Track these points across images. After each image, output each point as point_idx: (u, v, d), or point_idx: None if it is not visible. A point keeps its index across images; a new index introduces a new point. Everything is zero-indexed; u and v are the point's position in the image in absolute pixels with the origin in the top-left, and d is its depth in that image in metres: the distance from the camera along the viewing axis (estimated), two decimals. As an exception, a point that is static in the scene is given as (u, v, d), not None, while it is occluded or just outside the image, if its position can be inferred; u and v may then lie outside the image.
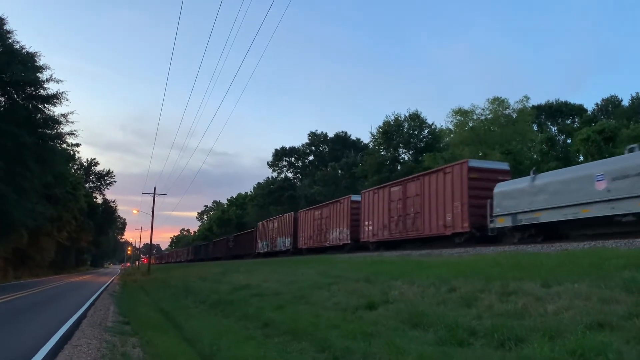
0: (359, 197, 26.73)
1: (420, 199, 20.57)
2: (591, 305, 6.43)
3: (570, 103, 55.66)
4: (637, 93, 53.42)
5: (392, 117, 48.67)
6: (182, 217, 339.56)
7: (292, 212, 36.72)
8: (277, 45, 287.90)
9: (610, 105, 55.46)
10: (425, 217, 20.15)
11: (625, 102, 54.73)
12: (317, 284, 13.35)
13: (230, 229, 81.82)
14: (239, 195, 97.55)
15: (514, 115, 39.74)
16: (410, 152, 48.53)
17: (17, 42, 32.19)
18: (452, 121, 42.24)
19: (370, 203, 24.73)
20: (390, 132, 47.95)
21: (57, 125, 35.51)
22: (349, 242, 26.58)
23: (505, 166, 19.64)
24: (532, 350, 5.36)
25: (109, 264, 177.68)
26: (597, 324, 5.77)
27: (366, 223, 24.85)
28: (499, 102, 39.85)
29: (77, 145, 47.24)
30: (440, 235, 19.43)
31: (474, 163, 19.10)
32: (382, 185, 25.61)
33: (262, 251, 42.32)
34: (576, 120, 53.77)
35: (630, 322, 5.63)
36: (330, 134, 71.79)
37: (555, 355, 5.12)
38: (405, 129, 48.07)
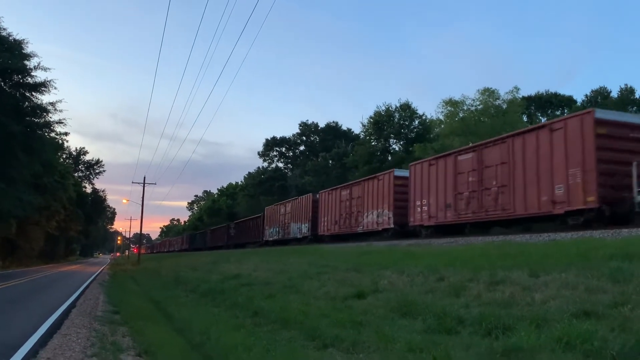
0: (404, 171, 22.72)
1: (509, 167, 15.94)
2: (578, 295, 6.52)
3: (560, 94, 55.98)
4: (626, 84, 53.85)
5: (383, 108, 48.73)
6: (173, 206, 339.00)
7: (310, 194, 32.16)
8: (268, 34, 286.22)
9: (600, 96, 55.83)
10: (516, 192, 15.52)
11: (614, 94, 55.13)
12: (307, 273, 13.40)
13: (220, 219, 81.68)
14: (230, 185, 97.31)
15: (504, 106, 39.82)
16: (401, 143, 48.61)
17: (4, 29, 31.84)
18: (442, 112, 42.28)
19: (424, 177, 20.11)
20: (381, 122, 47.98)
21: (45, 114, 35.25)
22: (392, 226, 21.99)
23: None
24: (519, 338, 5.43)
25: (99, 254, 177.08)
26: (584, 313, 5.84)
27: (418, 203, 20.31)
28: (489, 93, 39.90)
29: (66, 134, 46.87)
30: (542, 215, 15.01)
31: (602, 114, 14.04)
32: (442, 154, 20.52)
33: (271, 239, 38.17)
34: (566, 111, 54.08)
35: (616, 311, 5.72)
36: (321, 124, 71.88)
37: (542, 343, 5.19)
38: (396, 120, 48.12)
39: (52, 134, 38.82)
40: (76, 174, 73.92)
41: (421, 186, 20.28)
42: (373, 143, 49.30)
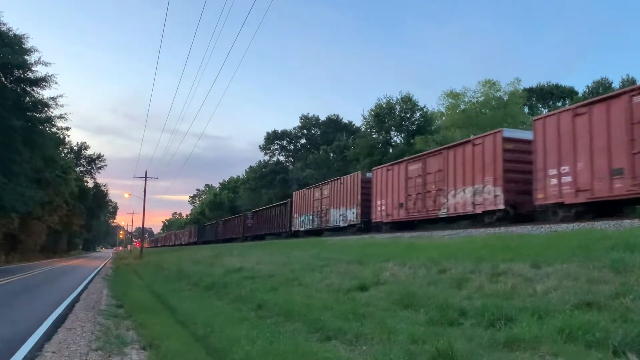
0: (518, 131, 18.16)
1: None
2: (579, 286, 6.54)
3: (561, 85, 55.78)
4: (628, 75, 53.65)
5: (384, 100, 48.60)
6: (174, 200, 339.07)
7: (359, 173, 26.44)
8: (269, 27, 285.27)
9: (601, 87, 55.60)
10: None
11: (616, 84, 54.95)
12: (310, 266, 13.45)
13: (222, 213, 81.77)
14: (231, 178, 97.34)
15: (506, 98, 39.75)
16: (402, 135, 48.54)
17: (4, 24, 31.77)
18: (443, 104, 42.23)
19: (566, 134, 13.75)
20: (382, 115, 47.87)
21: (46, 109, 35.28)
22: (501, 207, 15.89)
23: None
24: (521, 329, 5.46)
25: (101, 248, 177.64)
26: (585, 304, 5.87)
27: (553, 172, 14.07)
28: (490, 85, 39.82)
29: (67, 128, 46.77)
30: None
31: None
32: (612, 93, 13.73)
33: (301, 229, 32.16)
34: (567, 102, 53.96)
35: (617, 302, 5.75)
36: (322, 117, 71.57)
37: (544, 334, 5.22)
38: (397, 112, 48.00)
39: (54, 129, 38.80)
40: (78, 169, 74.05)
41: (559, 148, 14.00)
42: (374, 136, 49.23)
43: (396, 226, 22.00)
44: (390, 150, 46.91)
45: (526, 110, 48.28)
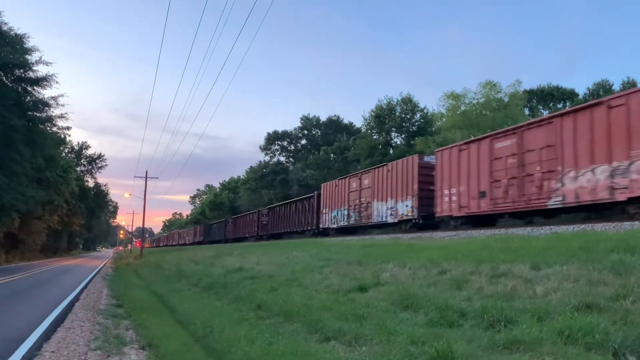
0: None
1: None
2: (579, 287, 6.53)
3: (561, 87, 55.72)
4: (628, 77, 53.58)
5: (385, 101, 48.62)
6: (175, 200, 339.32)
7: (416, 156, 21.54)
8: (270, 28, 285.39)
9: (602, 89, 55.54)
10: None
11: (617, 87, 54.89)
12: (310, 266, 13.43)
13: (222, 213, 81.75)
14: (232, 179, 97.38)
15: (506, 100, 39.76)
16: (403, 136, 48.55)
17: (5, 23, 31.83)
18: (444, 105, 42.26)
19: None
20: (383, 116, 47.89)
21: (47, 108, 35.32)
22: None
23: None
24: (521, 331, 5.45)
25: (101, 248, 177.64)
26: (585, 305, 5.85)
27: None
28: (491, 86, 39.84)
29: (68, 128, 46.72)
30: None
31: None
32: None
33: (334, 225, 27.34)
34: (567, 104, 53.92)
35: (618, 304, 5.73)
36: (323, 118, 71.53)
37: (544, 336, 5.21)
38: (397, 113, 48.02)
39: (54, 129, 38.84)
40: (78, 169, 74.08)
41: None
42: (375, 137, 49.23)
43: (473, 221, 17.66)
44: (391, 151, 46.90)
45: (527, 112, 48.27)
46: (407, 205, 20.81)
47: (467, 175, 17.62)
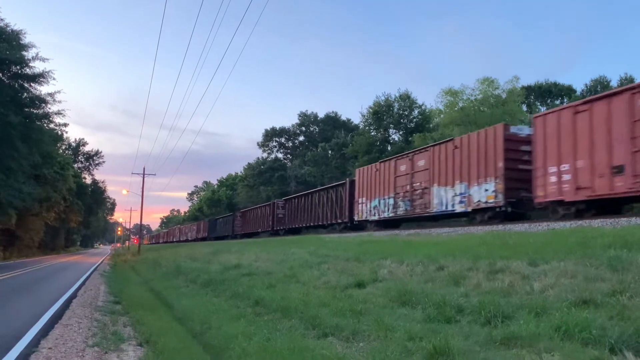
0: None
1: None
2: (576, 283, 6.54)
3: (559, 83, 55.80)
4: (626, 73, 53.63)
5: (383, 98, 48.59)
6: (172, 197, 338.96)
7: (500, 125, 16.86)
8: (267, 24, 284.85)
9: (599, 85, 55.61)
10: None
11: (614, 83, 54.97)
12: (308, 263, 13.44)
13: (220, 210, 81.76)
14: (229, 175, 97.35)
15: (504, 96, 39.77)
16: (401, 133, 48.53)
17: (1, 19, 31.74)
18: (442, 101, 42.24)
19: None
20: (381, 112, 47.86)
21: (44, 105, 35.21)
22: None
23: None
24: (518, 326, 5.46)
25: (99, 245, 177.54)
26: (582, 301, 5.87)
27: None
28: (488, 83, 39.83)
29: (65, 125, 46.61)
30: None
31: None
32: None
33: (374, 217, 23.13)
34: (565, 100, 53.97)
35: (614, 299, 5.75)
36: (321, 114, 71.60)
37: (541, 332, 5.22)
38: (395, 110, 47.99)
39: (51, 125, 38.76)
40: (76, 165, 73.89)
41: None
42: (372, 133, 49.20)
43: (596, 206, 13.66)
44: (389, 148, 46.90)
45: (524, 108, 48.33)
46: (486, 190, 16.54)
47: (589, 144, 13.31)
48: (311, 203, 31.64)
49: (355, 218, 24.96)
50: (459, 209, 17.83)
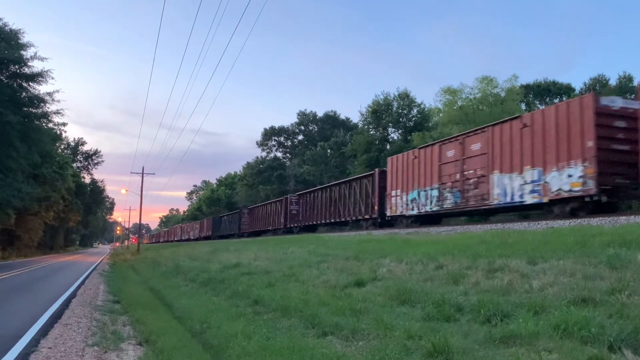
0: None
1: None
2: (575, 282, 6.55)
3: (558, 82, 55.83)
4: (625, 72, 53.71)
5: (382, 97, 48.63)
6: (172, 196, 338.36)
7: (589, 95, 14.08)
8: (266, 23, 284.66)
9: (598, 84, 55.69)
10: None
11: (613, 82, 55.01)
12: (307, 262, 13.44)
13: (219, 209, 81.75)
14: (228, 175, 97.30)
15: (503, 94, 39.82)
16: (400, 132, 48.56)
17: (0, 19, 31.63)
18: (441, 100, 42.30)
19: None
20: (380, 111, 47.88)
21: (42, 104, 35.15)
22: None
23: None
24: (517, 325, 5.47)
25: (98, 244, 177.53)
26: (581, 300, 5.88)
27: None
28: (487, 81, 39.88)
29: (64, 124, 46.53)
30: None
31: None
32: None
33: (412, 212, 20.24)
34: (564, 98, 53.99)
35: (613, 298, 5.75)
36: (320, 114, 71.64)
37: (540, 330, 5.23)
38: (394, 108, 48.01)
39: (50, 125, 38.72)
40: (75, 165, 73.82)
41: None
42: (371, 132, 49.22)
43: None
44: (388, 147, 46.91)
45: (523, 106, 48.36)
46: (569, 176, 13.72)
47: None
48: (330, 198, 28.87)
49: (388, 213, 21.93)
50: (529, 200, 14.80)
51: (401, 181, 21.12)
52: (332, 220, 28.38)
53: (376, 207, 22.99)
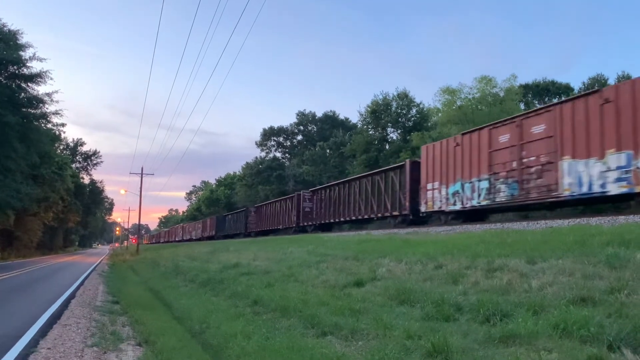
0: None
1: None
2: (574, 281, 6.55)
3: (557, 82, 55.84)
4: (623, 71, 53.70)
5: (381, 97, 48.65)
6: (171, 197, 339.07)
7: None
8: (265, 22, 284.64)
9: (597, 84, 55.68)
10: None
11: (612, 81, 55.03)
12: (306, 262, 13.44)
13: (218, 209, 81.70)
14: (228, 175, 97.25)
15: (502, 94, 39.84)
16: (399, 132, 48.57)
17: (-1, 19, 31.61)
18: (440, 100, 42.33)
19: None
20: (379, 111, 47.89)
21: (41, 105, 35.19)
22: None
23: None
24: (517, 324, 5.47)
25: (98, 245, 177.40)
26: (580, 299, 5.88)
27: None
28: (486, 81, 39.90)
29: (63, 125, 46.47)
30: None
31: None
32: None
33: (453, 207, 17.91)
34: (562, 98, 53.98)
35: (612, 297, 5.75)
36: (319, 114, 71.62)
37: (539, 330, 5.23)
38: (393, 108, 48.02)
39: (49, 125, 38.72)
40: (74, 165, 73.78)
41: None
42: (370, 132, 49.24)
43: None
44: (387, 147, 46.93)
45: (522, 106, 48.42)
46: None
47: None
48: (349, 194, 26.56)
49: (422, 209, 19.59)
50: (615, 190, 12.35)
51: (439, 172, 18.73)
52: (353, 218, 26.10)
53: (407, 203, 20.61)
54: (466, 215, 18.03)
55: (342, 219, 27.21)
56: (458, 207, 17.68)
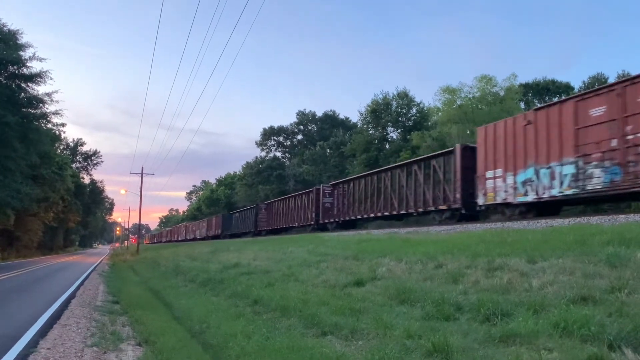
0: None
1: None
2: (575, 280, 6.55)
3: (557, 81, 55.83)
4: (623, 70, 53.66)
5: (381, 96, 48.67)
6: (171, 197, 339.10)
7: None
8: (265, 22, 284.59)
9: (597, 83, 55.66)
10: None
11: (612, 80, 55.01)
12: (306, 261, 13.44)
13: (219, 209, 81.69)
14: (228, 175, 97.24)
15: (502, 93, 39.81)
16: (399, 131, 48.58)
17: (-2, 19, 31.62)
18: (440, 99, 42.29)
19: None
20: (379, 110, 47.91)
21: (41, 105, 35.20)
22: None
23: None
24: (517, 324, 5.46)
25: (98, 245, 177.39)
26: (581, 298, 5.87)
27: None
28: (486, 80, 39.86)
29: (63, 125, 46.45)
30: None
31: None
32: None
33: (521, 199, 15.01)
34: (563, 97, 53.98)
35: (613, 296, 5.75)
36: (319, 113, 71.67)
37: (540, 329, 5.22)
38: (393, 108, 48.05)
39: (49, 125, 38.74)
40: (74, 165, 73.79)
41: None
42: (371, 132, 49.25)
43: None
44: (387, 146, 46.93)
45: (522, 105, 48.40)
46: None
47: None
48: (377, 187, 23.88)
49: (480, 202, 16.67)
50: None
51: (503, 157, 15.79)
52: (386, 214, 23.13)
53: (458, 195, 17.78)
54: (540, 208, 15.21)
55: (370, 215, 24.48)
56: (531, 197, 14.71)
